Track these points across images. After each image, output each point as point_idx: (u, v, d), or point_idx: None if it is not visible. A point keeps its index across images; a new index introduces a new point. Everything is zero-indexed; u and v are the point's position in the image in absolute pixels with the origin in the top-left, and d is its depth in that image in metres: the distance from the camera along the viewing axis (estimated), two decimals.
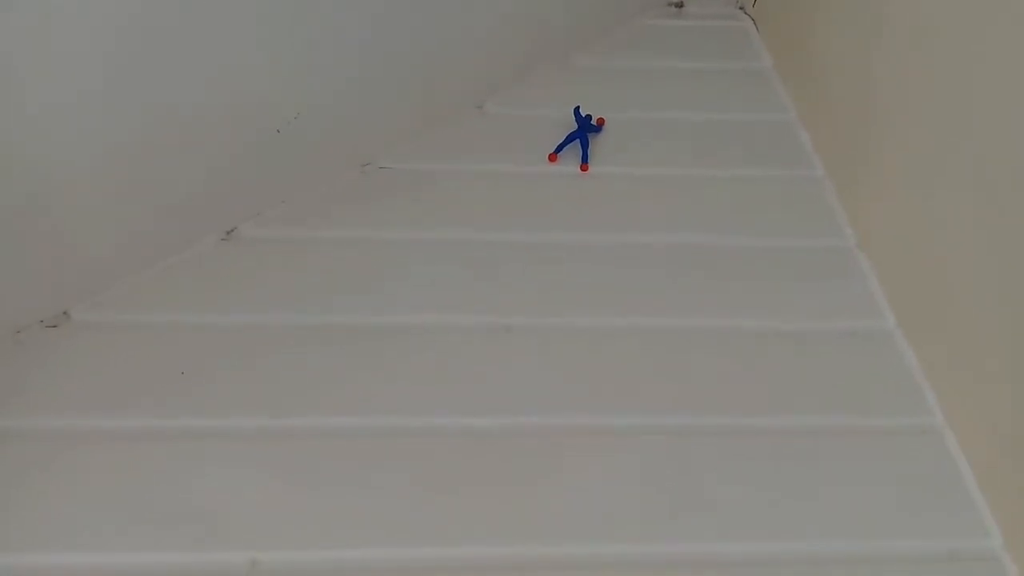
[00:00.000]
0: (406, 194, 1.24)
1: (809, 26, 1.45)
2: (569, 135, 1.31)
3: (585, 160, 1.29)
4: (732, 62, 1.53)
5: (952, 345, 1.01)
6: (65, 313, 1.04)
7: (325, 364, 1.02)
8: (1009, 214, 0.90)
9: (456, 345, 1.05)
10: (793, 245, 1.21)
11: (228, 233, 1.15)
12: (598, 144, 1.33)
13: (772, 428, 1.00)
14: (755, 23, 1.61)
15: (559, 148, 1.30)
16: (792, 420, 1.01)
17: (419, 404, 0.99)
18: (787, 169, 1.33)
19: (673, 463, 0.95)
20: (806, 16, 1.46)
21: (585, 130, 1.31)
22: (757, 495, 0.93)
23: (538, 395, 1.00)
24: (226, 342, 1.03)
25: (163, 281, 1.09)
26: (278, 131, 1.12)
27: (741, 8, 1.64)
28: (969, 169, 0.98)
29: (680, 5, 1.63)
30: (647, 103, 1.43)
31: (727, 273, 1.16)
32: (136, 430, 0.94)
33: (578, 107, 1.34)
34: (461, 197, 1.24)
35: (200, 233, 1.13)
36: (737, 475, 0.94)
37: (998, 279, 0.92)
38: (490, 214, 1.22)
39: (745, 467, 0.95)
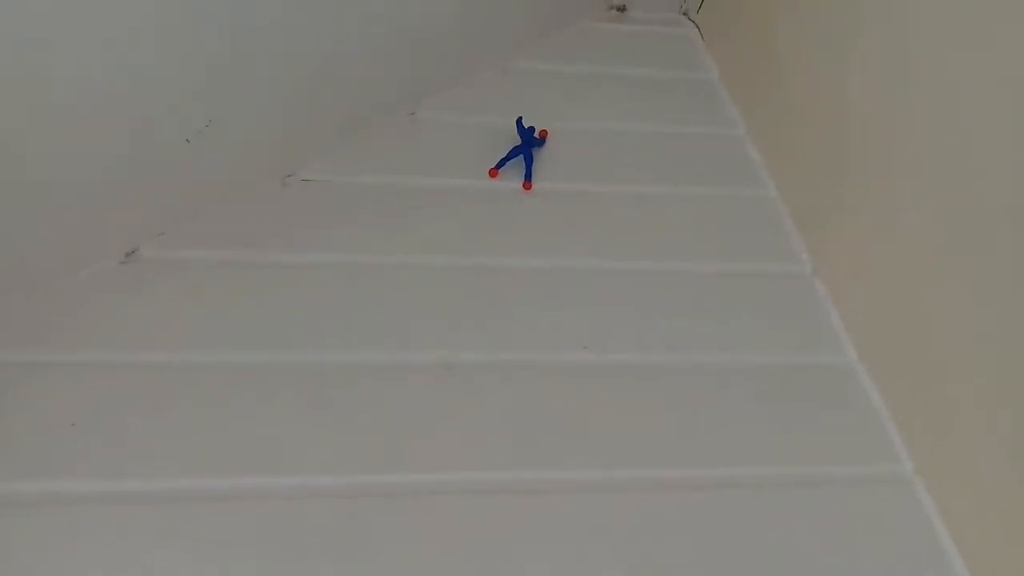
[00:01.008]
0: (331, 211, 1.12)
1: (757, 37, 1.38)
2: (512, 149, 1.21)
3: (528, 177, 1.20)
4: (677, 71, 1.46)
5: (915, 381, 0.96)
6: None
7: (222, 412, 0.89)
8: (977, 246, 0.86)
9: (386, 389, 0.94)
10: (748, 270, 1.14)
11: (128, 255, 1.01)
12: (540, 157, 1.24)
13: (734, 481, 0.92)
14: (700, 30, 1.54)
15: (501, 163, 1.20)
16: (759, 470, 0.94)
17: (344, 458, 0.87)
18: (739, 188, 1.26)
19: (625, 524, 0.87)
20: (753, 26, 1.39)
21: (529, 145, 1.21)
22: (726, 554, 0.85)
23: (487, 448, 0.90)
24: (126, 384, 0.90)
25: (49, 312, 0.95)
26: (187, 141, 0.99)
27: (685, 14, 1.57)
28: (935, 195, 0.93)
29: (622, 9, 1.54)
30: (590, 112, 1.35)
31: (678, 301, 1.09)
32: None
33: (520, 118, 1.24)
34: (392, 215, 1.13)
35: (96, 255, 0.99)
36: (701, 534, 0.86)
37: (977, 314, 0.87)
38: (424, 235, 1.11)
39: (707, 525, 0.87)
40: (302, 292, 1.02)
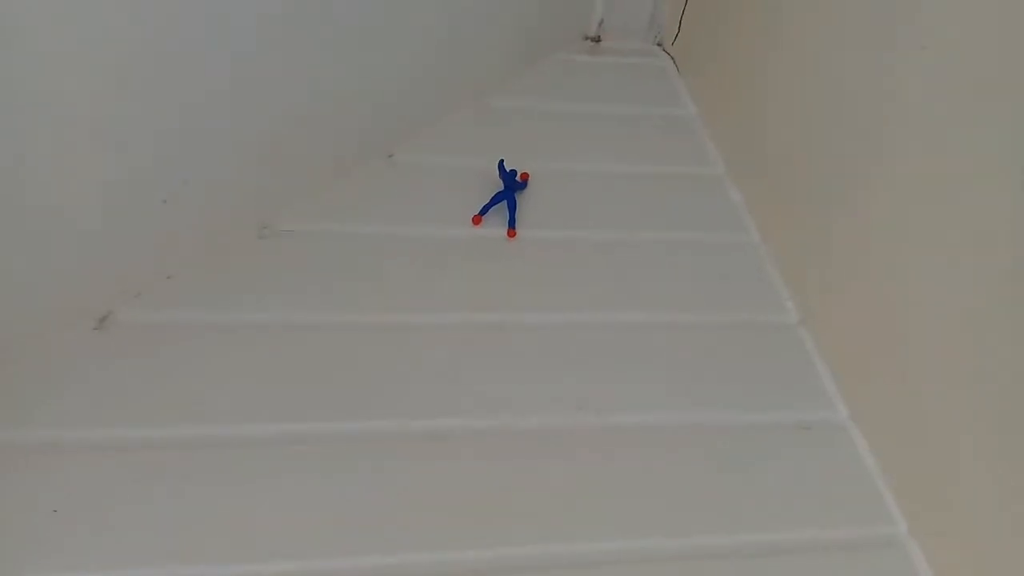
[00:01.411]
0: (310, 265, 1.09)
1: (733, 71, 1.38)
2: (495, 196, 1.18)
3: (512, 225, 1.17)
4: (654, 107, 1.45)
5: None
6: None
7: (208, 488, 0.86)
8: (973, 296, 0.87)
9: (365, 459, 0.90)
10: (733, 321, 1.13)
11: (101, 320, 0.96)
12: (523, 201, 1.21)
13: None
14: (675, 62, 1.53)
15: (484, 210, 1.18)
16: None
17: (337, 538, 0.84)
18: (721, 233, 1.25)
19: None
20: (729, 60, 1.39)
21: (512, 190, 1.19)
22: None
23: (466, 527, 0.87)
24: (106, 464, 0.85)
25: (20, 383, 0.90)
26: (164, 201, 0.95)
27: (659, 45, 1.56)
28: (926, 242, 0.93)
29: (597, 40, 1.52)
30: (569, 153, 1.33)
31: (669, 355, 1.07)
32: None
33: (502, 161, 1.22)
34: (373, 269, 1.10)
35: (69, 321, 0.94)
36: None
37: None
38: (407, 291, 1.08)
39: None
40: (282, 355, 0.98)
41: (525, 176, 1.24)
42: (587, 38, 1.52)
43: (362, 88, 1.16)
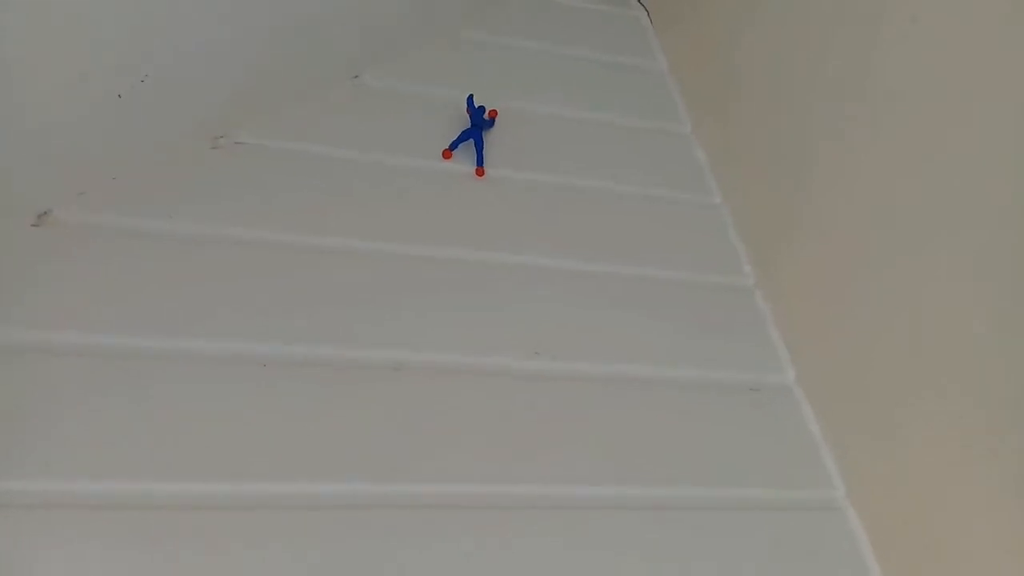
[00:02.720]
0: (264, 180, 1.03)
1: (707, 30, 1.37)
2: (464, 132, 1.15)
3: (480, 163, 1.14)
4: (627, 57, 1.43)
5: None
6: None
7: (144, 403, 0.80)
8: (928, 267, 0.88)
9: (329, 387, 0.87)
10: (689, 280, 1.13)
11: (40, 217, 0.90)
12: (491, 139, 1.18)
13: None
14: (649, 14, 1.51)
15: (455, 144, 1.14)
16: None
17: (273, 462, 0.81)
18: (684, 192, 1.24)
19: (558, 542, 0.84)
20: (703, 18, 1.37)
21: (480, 128, 1.15)
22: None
23: (430, 460, 0.85)
24: (40, 369, 0.80)
25: None
26: (119, 96, 0.88)
27: None
28: (886, 213, 0.94)
29: None
30: (538, 94, 1.30)
31: (625, 307, 1.06)
32: None
33: (471, 97, 1.18)
34: (331, 192, 1.05)
35: (4, 215, 0.88)
36: (643, 553, 0.85)
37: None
38: (367, 217, 1.04)
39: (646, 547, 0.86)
40: (228, 271, 0.93)
41: (493, 113, 1.20)
42: None
43: (333, 6, 1.10)
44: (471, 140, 1.15)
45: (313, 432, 0.83)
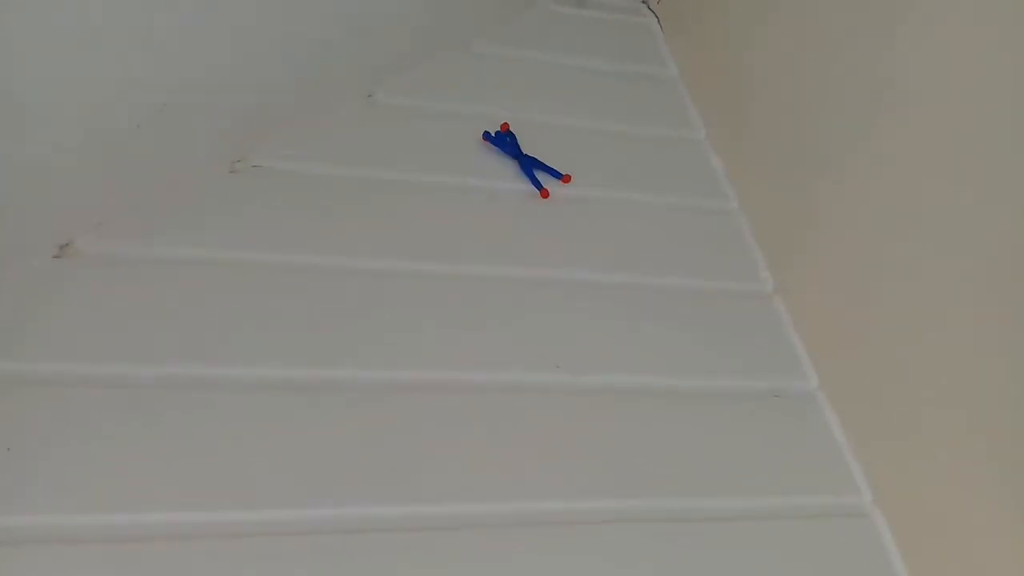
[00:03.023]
0: (284, 203, 1.04)
1: (718, 35, 1.37)
2: (523, 165, 1.18)
3: (539, 185, 1.17)
4: (638, 65, 1.43)
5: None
6: None
7: (166, 432, 0.81)
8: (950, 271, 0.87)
9: (339, 410, 0.87)
10: (708, 287, 1.13)
11: (62, 248, 0.91)
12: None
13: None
14: (659, 21, 1.51)
15: (535, 182, 1.17)
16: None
17: (291, 488, 0.81)
18: (699, 199, 1.24)
19: (586, 556, 0.83)
20: (715, 23, 1.37)
21: (518, 155, 1.19)
22: None
23: (451, 478, 0.85)
24: (61, 401, 0.81)
25: None
26: (138, 126, 0.90)
27: (644, 2, 1.53)
28: (907, 217, 0.94)
29: None
30: (551, 105, 1.30)
31: (645, 318, 1.06)
32: None
33: (486, 132, 1.21)
34: (350, 211, 1.06)
35: (27, 248, 0.89)
36: (667, 567, 0.85)
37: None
38: (386, 236, 1.04)
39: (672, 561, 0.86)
40: (251, 295, 0.94)
41: (505, 127, 1.21)
42: None
43: (344, 25, 1.11)
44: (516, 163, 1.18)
45: (332, 455, 0.83)
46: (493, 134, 1.19)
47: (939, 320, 0.89)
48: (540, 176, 1.17)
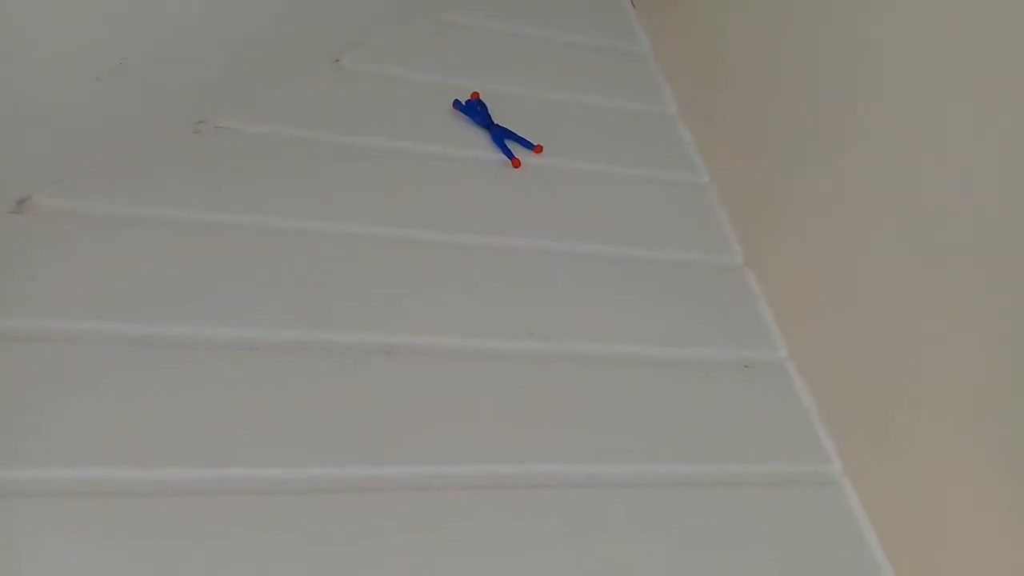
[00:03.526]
0: (249, 164, 1.02)
1: (692, 8, 1.36)
2: (493, 136, 1.17)
3: (510, 155, 1.15)
4: (608, 39, 1.41)
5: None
6: None
7: (118, 391, 0.78)
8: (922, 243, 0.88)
9: (315, 371, 0.85)
10: (679, 259, 1.12)
11: (19, 203, 0.88)
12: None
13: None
14: None
15: (506, 152, 1.16)
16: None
17: (267, 447, 0.79)
18: (670, 172, 1.23)
19: (553, 520, 0.82)
20: None
21: (490, 125, 1.17)
22: (663, 558, 0.83)
23: (422, 441, 0.84)
24: (19, 355, 0.78)
25: None
26: (97, 79, 0.86)
27: None
28: (880, 190, 0.94)
29: None
30: (521, 77, 1.28)
31: (616, 287, 1.06)
32: None
33: (456, 101, 1.19)
34: (319, 175, 1.04)
35: None
36: (635, 535, 0.84)
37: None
38: (354, 200, 1.02)
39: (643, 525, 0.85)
40: (216, 255, 0.91)
41: (475, 96, 1.19)
42: None
43: None
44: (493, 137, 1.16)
45: (304, 415, 0.82)
46: (464, 103, 1.18)
47: (910, 291, 0.89)
48: (511, 146, 1.16)
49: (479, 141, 1.16)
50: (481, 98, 1.19)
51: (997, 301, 0.79)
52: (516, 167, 1.14)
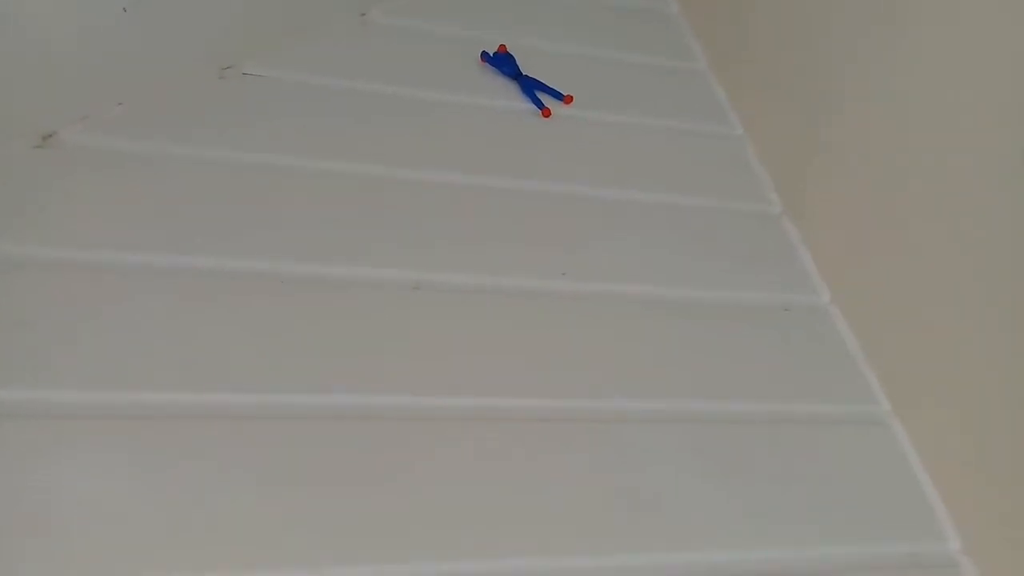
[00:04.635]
0: (278, 108, 1.01)
1: None
2: (523, 87, 1.15)
3: (540, 105, 1.13)
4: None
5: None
6: None
7: (156, 321, 0.76)
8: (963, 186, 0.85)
9: (341, 305, 0.83)
10: (716, 206, 1.09)
11: (45, 138, 0.87)
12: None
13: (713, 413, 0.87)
14: None
15: (537, 103, 1.14)
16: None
17: (298, 374, 0.76)
18: (704, 124, 1.21)
19: (599, 454, 0.79)
20: None
21: (518, 75, 1.15)
22: (709, 493, 0.80)
23: (448, 369, 0.81)
24: (42, 284, 0.76)
25: None
26: (124, 9, 0.85)
27: None
28: (916, 137, 0.91)
29: None
30: (547, 32, 1.27)
31: (654, 233, 1.03)
32: None
33: (484, 52, 1.17)
34: (349, 120, 1.02)
35: (8, 136, 0.84)
36: (681, 469, 0.81)
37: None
38: (383, 145, 1.00)
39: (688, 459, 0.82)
40: (243, 192, 0.90)
41: (503, 48, 1.17)
42: None
43: None
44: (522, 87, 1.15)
45: (330, 345, 0.79)
46: (491, 55, 1.16)
47: (948, 232, 0.86)
48: (541, 97, 1.14)
49: (508, 91, 1.14)
50: (509, 51, 1.17)
51: None
52: (546, 116, 1.11)
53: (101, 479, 0.66)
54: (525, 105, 1.13)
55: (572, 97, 1.14)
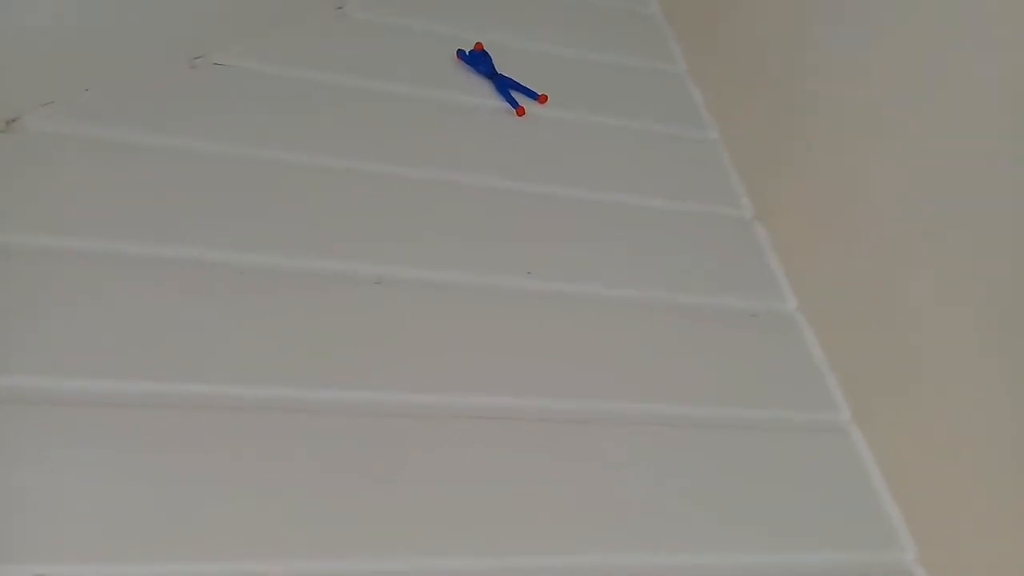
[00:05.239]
0: (247, 99, 1.00)
1: None
2: (498, 86, 1.14)
3: (514, 104, 1.13)
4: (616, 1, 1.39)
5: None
6: None
7: (128, 314, 0.76)
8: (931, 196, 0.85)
9: (305, 298, 0.82)
10: (688, 210, 1.09)
11: (8, 123, 0.86)
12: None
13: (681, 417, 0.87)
14: None
15: (511, 101, 1.13)
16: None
17: (256, 367, 0.76)
18: (679, 127, 1.21)
19: (559, 454, 0.79)
20: None
21: (492, 75, 1.15)
22: (664, 496, 0.80)
23: (407, 369, 0.80)
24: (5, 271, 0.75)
25: None
26: None
27: None
28: (889, 144, 0.91)
29: None
30: (525, 32, 1.27)
31: (623, 235, 1.03)
32: None
33: (460, 50, 1.17)
34: (319, 113, 1.01)
35: None
36: (641, 472, 0.81)
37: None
38: (353, 138, 1.00)
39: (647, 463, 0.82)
40: (208, 182, 0.89)
41: (479, 47, 1.17)
42: None
43: None
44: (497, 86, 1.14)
45: (291, 338, 0.79)
46: (467, 53, 1.15)
47: (919, 242, 0.86)
48: (516, 96, 1.13)
49: (482, 89, 1.14)
50: (485, 49, 1.16)
51: (1008, 251, 0.76)
52: (520, 115, 1.11)
53: (63, 470, 0.65)
54: (499, 103, 1.12)
55: (547, 97, 1.14)
